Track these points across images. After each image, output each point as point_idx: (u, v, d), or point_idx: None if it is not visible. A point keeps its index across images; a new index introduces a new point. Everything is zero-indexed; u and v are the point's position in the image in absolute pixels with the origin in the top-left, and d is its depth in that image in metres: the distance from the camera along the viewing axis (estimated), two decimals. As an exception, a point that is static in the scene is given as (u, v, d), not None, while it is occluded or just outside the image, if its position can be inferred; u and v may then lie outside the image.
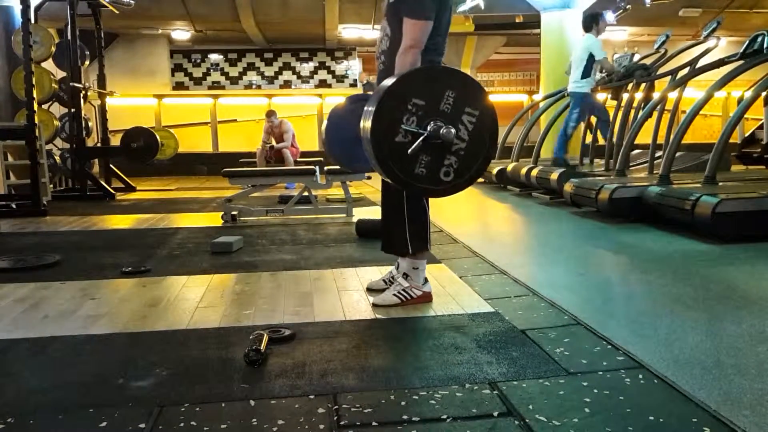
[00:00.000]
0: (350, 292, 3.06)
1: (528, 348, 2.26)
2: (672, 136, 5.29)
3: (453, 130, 2.10)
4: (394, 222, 2.80)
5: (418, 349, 2.29)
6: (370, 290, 3.04)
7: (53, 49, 7.91)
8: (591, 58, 6.87)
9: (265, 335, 2.29)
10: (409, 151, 2.08)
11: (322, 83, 14.19)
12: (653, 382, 1.95)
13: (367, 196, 7.13)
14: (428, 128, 2.13)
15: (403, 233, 2.76)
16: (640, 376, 1.99)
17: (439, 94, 2.14)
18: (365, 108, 2.37)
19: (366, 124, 2.26)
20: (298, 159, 8.83)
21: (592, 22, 6.99)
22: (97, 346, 2.38)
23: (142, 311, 2.81)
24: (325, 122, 3.18)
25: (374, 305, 2.79)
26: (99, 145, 8.63)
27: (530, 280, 3.25)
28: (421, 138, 2.10)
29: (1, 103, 8.23)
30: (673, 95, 6.24)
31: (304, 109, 12.13)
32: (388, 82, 2.26)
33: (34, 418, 1.77)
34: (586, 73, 6.90)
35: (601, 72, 7.05)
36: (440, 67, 2.28)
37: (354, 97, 3.14)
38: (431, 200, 2.83)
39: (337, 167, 6.02)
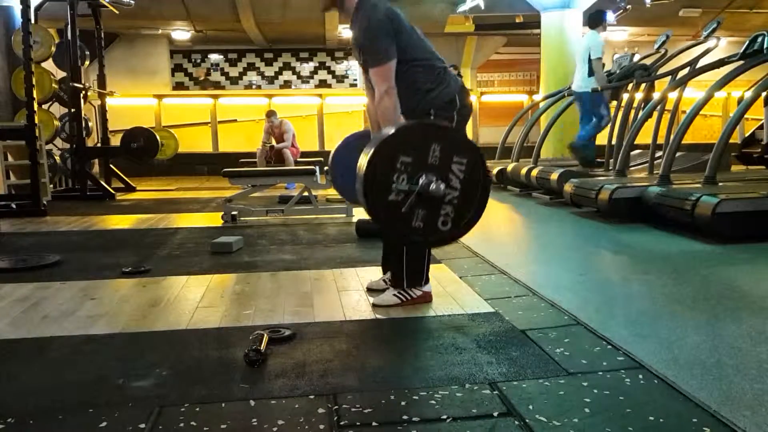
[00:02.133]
0: (350, 292, 3.06)
1: (528, 348, 2.26)
2: (672, 137, 5.30)
3: (442, 186, 2.12)
4: (393, 252, 2.80)
5: (418, 349, 2.29)
6: (370, 290, 3.04)
7: (53, 49, 7.91)
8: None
9: (265, 335, 2.29)
10: (403, 209, 2.11)
11: (322, 83, 14.19)
12: (653, 383, 1.95)
13: (367, 196, 7.12)
14: (419, 182, 2.15)
15: (399, 267, 2.75)
16: (640, 377, 1.99)
17: (426, 149, 2.18)
18: (357, 171, 2.38)
19: (358, 186, 2.29)
20: (299, 159, 8.83)
21: (597, 19, 7.01)
22: (97, 346, 2.37)
23: (142, 311, 2.81)
24: (330, 156, 3.34)
25: (374, 305, 2.79)
26: (99, 145, 8.62)
27: (530, 280, 3.25)
28: (413, 196, 2.12)
29: (1, 103, 8.23)
30: (673, 95, 6.24)
31: (305, 109, 12.12)
32: (372, 145, 2.27)
33: (34, 418, 1.77)
34: (591, 71, 6.90)
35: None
36: (422, 122, 2.30)
37: (358, 133, 3.33)
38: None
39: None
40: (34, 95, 6.60)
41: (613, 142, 6.86)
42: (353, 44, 2.76)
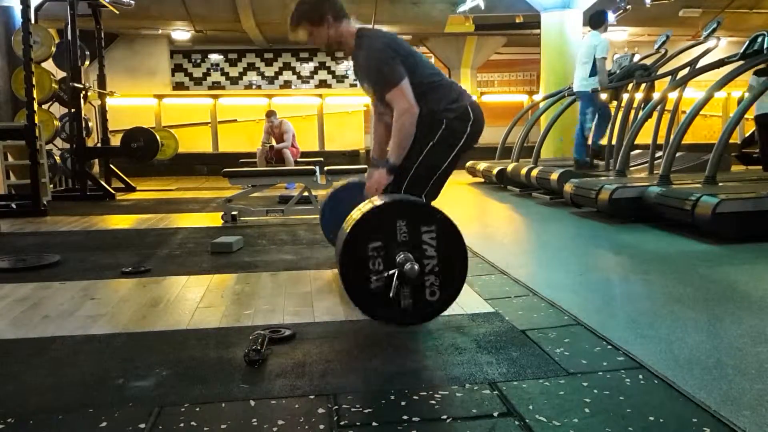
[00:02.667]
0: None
1: (528, 348, 2.26)
2: (672, 137, 5.30)
3: (416, 267, 2.09)
4: None
5: (418, 350, 2.29)
6: None
7: (53, 49, 7.91)
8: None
9: (266, 335, 2.29)
10: (391, 294, 2.10)
11: (322, 83, 14.20)
12: (653, 383, 1.95)
13: (367, 196, 7.12)
14: (396, 261, 2.13)
15: None
16: (640, 377, 1.99)
17: (392, 228, 2.15)
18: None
19: (340, 279, 2.28)
20: (299, 159, 8.83)
21: (599, 19, 7.02)
22: (97, 346, 2.38)
23: (142, 311, 2.81)
24: (322, 206, 3.62)
25: None
26: (99, 145, 8.63)
27: (530, 280, 3.25)
28: (394, 279, 2.10)
29: (1, 103, 8.23)
30: (673, 95, 6.25)
31: (304, 109, 12.13)
32: (340, 240, 2.25)
33: (34, 418, 1.77)
34: (593, 71, 6.90)
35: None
36: (378, 205, 2.26)
37: (349, 184, 3.53)
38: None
39: (338, 167, 6.05)
40: (34, 95, 6.61)
41: (614, 142, 6.86)
42: (361, 80, 2.80)
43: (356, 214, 2.29)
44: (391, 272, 2.11)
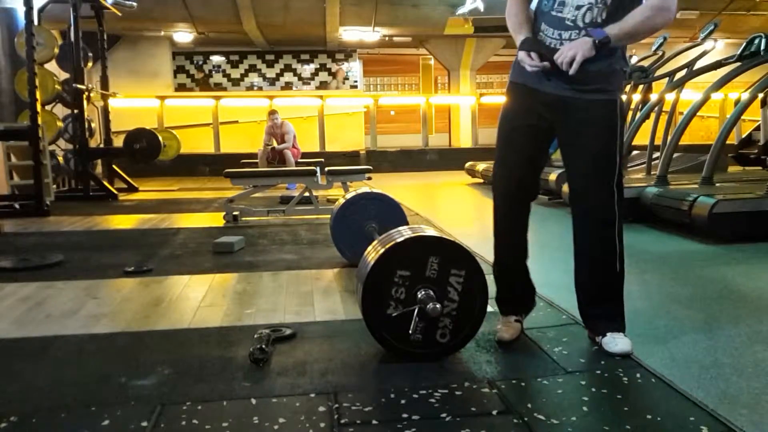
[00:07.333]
0: (351, 292, 3.08)
1: (527, 347, 2.28)
2: (669, 138, 5.32)
3: (438, 306, 2.08)
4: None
5: (418, 349, 2.30)
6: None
7: (56, 50, 7.93)
8: None
9: (270, 335, 2.31)
10: (410, 330, 2.11)
11: (323, 85, 14.22)
12: (651, 381, 1.96)
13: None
14: (417, 297, 2.13)
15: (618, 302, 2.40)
16: (638, 375, 2.00)
17: (424, 262, 2.16)
18: (356, 280, 2.34)
19: (357, 297, 2.27)
20: (299, 160, 8.86)
21: None
22: (100, 345, 2.40)
23: (144, 311, 2.83)
24: (332, 217, 3.72)
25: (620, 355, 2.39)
26: (102, 146, 8.65)
27: (529, 280, 3.26)
28: (416, 313, 2.10)
29: (4, 104, 8.25)
30: (670, 97, 6.27)
31: (305, 110, 12.16)
32: (372, 255, 2.24)
33: (36, 416, 1.79)
34: None
35: None
36: (422, 236, 2.23)
37: (356, 195, 3.62)
38: (430, 199, 2.84)
39: (338, 168, 6.07)
40: (38, 96, 6.63)
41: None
42: None
43: (389, 238, 2.27)
44: (411, 304, 2.11)
